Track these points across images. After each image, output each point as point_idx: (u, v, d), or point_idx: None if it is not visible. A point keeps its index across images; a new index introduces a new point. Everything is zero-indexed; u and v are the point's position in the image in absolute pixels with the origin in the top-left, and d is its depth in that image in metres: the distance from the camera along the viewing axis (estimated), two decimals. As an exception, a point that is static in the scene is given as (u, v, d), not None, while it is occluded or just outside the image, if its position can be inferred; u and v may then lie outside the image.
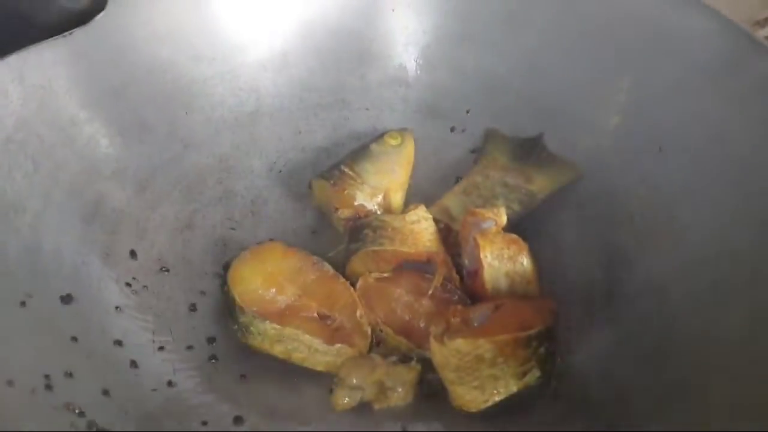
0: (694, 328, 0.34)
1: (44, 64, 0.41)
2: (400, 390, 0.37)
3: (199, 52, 0.48)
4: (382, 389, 0.37)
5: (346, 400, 0.37)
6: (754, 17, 0.78)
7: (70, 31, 0.41)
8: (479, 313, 0.37)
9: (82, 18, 0.42)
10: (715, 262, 0.36)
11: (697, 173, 0.40)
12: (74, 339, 0.35)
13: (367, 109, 0.52)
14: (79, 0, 0.42)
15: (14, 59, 0.40)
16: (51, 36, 0.41)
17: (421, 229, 0.41)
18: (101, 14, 0.43)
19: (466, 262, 0.41)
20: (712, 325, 0.33)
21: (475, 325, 0.37)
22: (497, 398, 0.35)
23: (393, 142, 0.47)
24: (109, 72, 0.45)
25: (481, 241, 0.38)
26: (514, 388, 0.35)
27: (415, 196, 0.47)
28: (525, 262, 0.38)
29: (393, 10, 0.52)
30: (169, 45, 0.47)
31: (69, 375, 0.32)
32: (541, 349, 0.35)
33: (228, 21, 0.49)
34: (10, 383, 0.29)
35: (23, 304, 0.34)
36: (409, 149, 0.47)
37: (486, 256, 0.37)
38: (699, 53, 0.41)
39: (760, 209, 0.35)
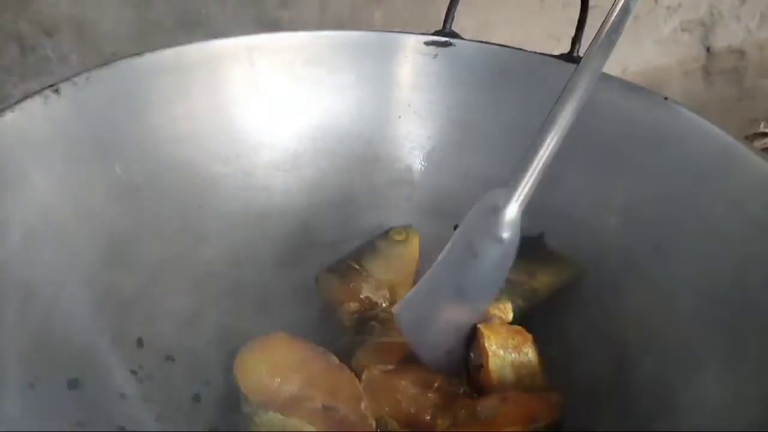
0: (702, 423, 0.34)
1: (70, 158, 0.44)
2: (405, 484, 0.36)
3: (216, 152, 0.51)
4: (388, 484, 0.36)
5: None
6: (742, 134, 0.83)
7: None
8: (486, 406, 0.37)
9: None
10: (722, 354, 0.36)
11: (695, 270, 0.41)
12: (79, 424, 0.34)
13: (374, 207, 0.54)
14: None
15: (41, 153, 0.42)
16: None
17: (426, 323, 0.42)
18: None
19: (472, 355, 0.41)
20: (719, 417, 0.33)
21: (482, 418, 0.37)
22: (505, 494, 0.34)
23: (398, 237, 0.48)
24: (130, 167, 0.47)
25: (485, 331, 0.38)
26: (521, 482, 0.34)
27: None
28: (530, 353, 0.38)
29: (399, 117, 0.55)
30: (188, 145, 0.50)
31: (71, 459, 0.32)
32: (549, 443, 0.35)
33: (245, 123, 0.52)
34: (13, 465, 0.29)
35: (31, 386, 0.34)
36: (413, 245, 0.48)
37: (491, 345, 0.38)
38: (693, 159, 0.43)
39: (761, 304, 0.36)
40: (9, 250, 0.38)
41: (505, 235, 0.37)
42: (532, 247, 0.48)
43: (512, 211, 0.36)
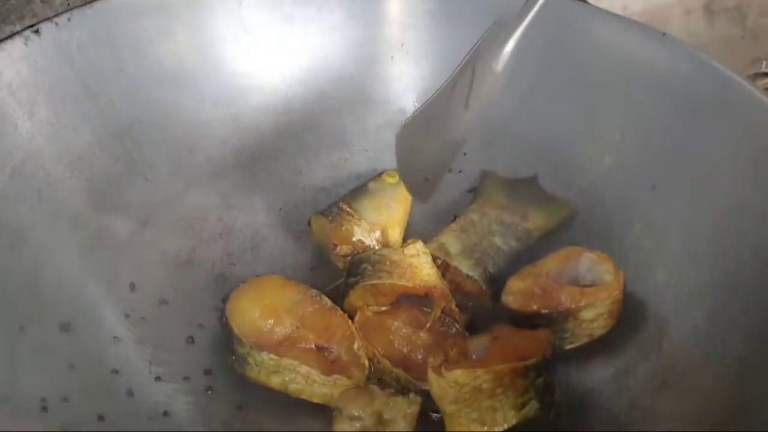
0: (692, 355, 0.34)
1: (54, 101, 0.43)
2: (399, 421, 0.36)
3: (205, 95, 0.50)
4: (381, 420, 0.36)
5: (347, 430, 0.36)
6: (744, 74, 0.81)
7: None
8: (477, 344, 0.37)
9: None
10: (711, 294, 0.36)
11: (689, 209, 0.40)
12: (72, 366, 0.35)
13: (367, 150, 0.53)
14: None
15: (24, 95, 0.41)
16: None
17: (419, 263, 0.41)
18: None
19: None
20: (701, 359, 0.33)
21: (473, 356, 0.37)
22: (497, 430, 0.35)
23: (390, 180, 0.48)
24: (118, 111, 0.46)
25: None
26: (513, 420, 0.35)
27: (413, 234, 0.47)
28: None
29: (392, 57, 0.54)
30: (177, 87, 0.49)
31: (65, 400, 0.32)
32: (540, 380, 0.35)
33: (233, 65, 0.51)
34: (5, 401, 0.29)
35: (22, 329, 0.34)
36: (404, 188, 0.47)
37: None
38: (690, 96, 0.43)
39: (752, 239, 0.36)
40: (-5, 195, 0.37)
41: (500, 68, 0.38)
42: (525, 188, 0.48)
43: (510, 46, 0.37)
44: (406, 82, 0.54)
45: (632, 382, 0.36)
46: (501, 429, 0.34)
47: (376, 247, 0.44)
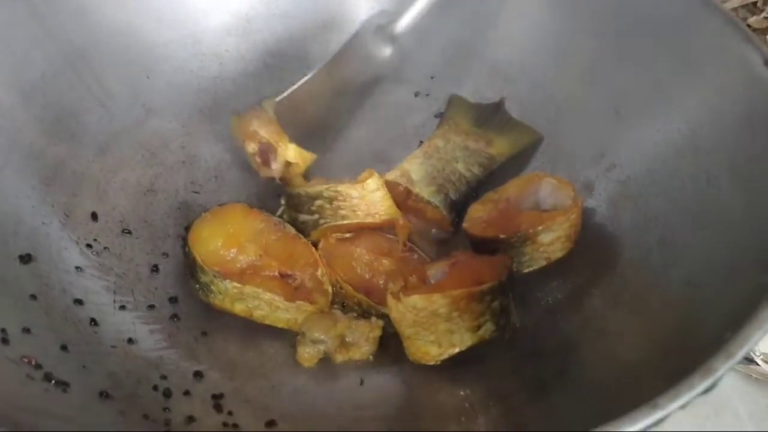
0: (644, 277, 0.35)
1: (4, 25, 0.41)
2: (362, 344, 0.38)
3: (161, 16, 0.48)
4: (344, 343, 0.37)
5: (310, 352, 0.37)
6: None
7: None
8: (436, 269, 0.38)
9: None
10: (664, 219, 0.37)
11: (650, 133, 0.40)
12: (33, 297, 0.35)
13: (331, 73, 0.52)
14: None
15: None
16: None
17: (380, 198, 0.41)
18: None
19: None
20: (652, 281, 0.34)
21: (432, 281, 0.38)
22: (453, 351, 0.36)
23: None
24: (70, 34, 0.45)
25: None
26: (469, 341, 0.36)
27: (379, 160, 0.47)
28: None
29: (356, -23, 0.52)
30: (130, 7, 0.47)
31: (26, 330, 0.32)
32: (495, 304, 0.36)
33: (191, -17, 0.49)
34: (-37, 334, 0.29)
35: (-21, 262, 0.34)
36: None
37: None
38: (652, 18, 0.42)
39: (708, 166, 0.36)
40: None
41: (387, 51, 0.42)
42: (491, 113, 0.48)
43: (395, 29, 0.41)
44: (372, 2, 0.52)
45: (586, 302, 0.37)
46: (457, 350, 0.36)
47: (267, 139, 0.43)
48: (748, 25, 0.73)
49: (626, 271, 0.37)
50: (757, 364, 0.42)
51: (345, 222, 0.41)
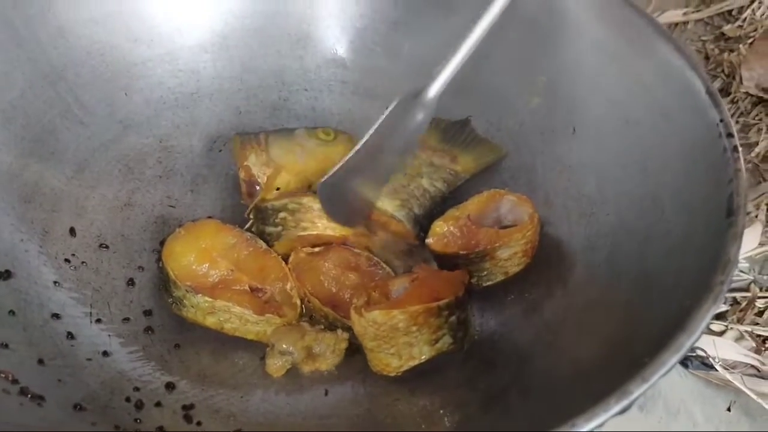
0: (591, 294, 0.37)
1: (-19, 47, 0.42)
2: (328, 355, 0.40)
3: (138, 35, 0.50)
4: (311, 354, 0.39)
5: (278, 363, 0.39)
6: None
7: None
8: (398, 285, 0.40)
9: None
10: (612, 237, 0.39)
11: (603, 153, 0.42)
12: (12, 313, 0.37)
13: (306, 90, 0.54)
14: None
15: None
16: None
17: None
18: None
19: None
20: (598, 298, 0.36)
21: (394, 296, 0.40)
22: (413, 363, 0.38)
23: (323, 137, 0.48)
24: (48, 54, 0.46)
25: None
26: (427, 354, 0.38)
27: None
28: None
29: (330, -6, 0.53)
30: (107, 28, 0.48)
31: (4, 346, 0.34)
32: (452, 318, 0.38)
33: (167, 3, 0.50)
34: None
35: (-41, 281, 0.36)
36: (333, 150, 0.47)
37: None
38: (610, 44, 0.43)
39: (654, 188, 0.38)
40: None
41: (420, 116, 0.43)
42: (456, 131, 0.49)
43: (429, 96, 0.43)
44: (344, 19, 0.54)
45: (538, 317, 0.39)
46: (416, 362, 0.38)
47: (259, 180, 0.45)
48: (722, 33, 0.75)
49: (576, 286, 0.39)
50: (716, 370, 0.44)
51: (305, 233, 0.43)
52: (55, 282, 0.41)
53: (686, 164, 0.37)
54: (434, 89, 0.43)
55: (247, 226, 0.45)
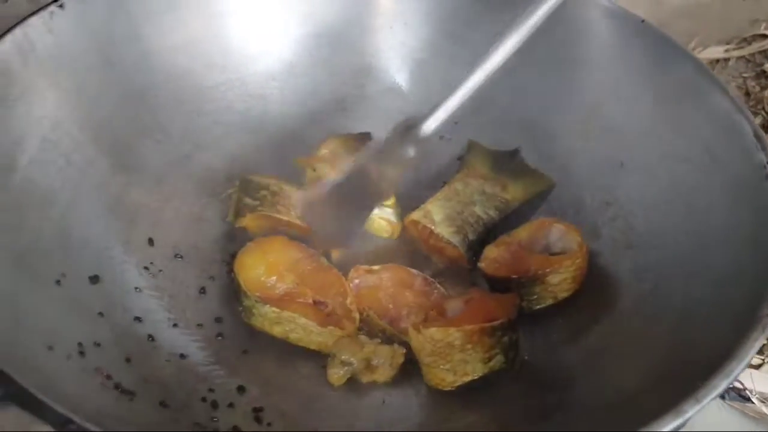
0: (635, 323, 0.39)
1: (77, 71, 0.46)
2: (385, 367, 0.42)
3: (212, 61, 0.54)
4: (369, 366, 0.42)
5: (340, 373, 0.42)
6: (741, 35, 0.83)
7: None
8: (453, 305, 0.43)
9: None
10: (659, 269, 0.41)
11: (650, 188, 0.45)
12: (101, 314, 0.40)
13: (365, 118, 0.57)
14: None
15: (51, 67, 0.45)
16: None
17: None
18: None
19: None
20: (643, 327, 0.38)
21: (450, 315, 0.42)
22: (466, 379, 0.40)
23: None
24: (133, 78, 0.50)
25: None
26: (481, 371, 0.40)
27: (404, 198, 0.52)
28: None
29: (391, 28, 0.57)
30: (187, 53, 0.52)
31: (97, 344, 0.37)
32: (505, 339, 0.40)
33: (240, 33, 0.54)
34: (50, 348, 0.34)
35: (58, 282, 0.39)
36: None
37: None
38: (660, 81, 0.46)
39: (699, 224, 0.40)
40: (28, 160, 0.42)
41: (412, 152, 0.43)
42: (508, 160, 0.52)
43: (422, 133, 0.43)
44: (404, 52, 0.57)
45: (584, 341, 0.41)
46: (469, 378, 0.40)
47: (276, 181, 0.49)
48: (763, 71, 0.77)
49: (623, 314, 0.41)
50: (753, 403, 0.45)
51: (277, 216, 0.46)
52: (136, 288, 0.44)
53: (731, 202, 0.39)
54: (429, 127, 0.42)
55: (229, 191, 0.49)
